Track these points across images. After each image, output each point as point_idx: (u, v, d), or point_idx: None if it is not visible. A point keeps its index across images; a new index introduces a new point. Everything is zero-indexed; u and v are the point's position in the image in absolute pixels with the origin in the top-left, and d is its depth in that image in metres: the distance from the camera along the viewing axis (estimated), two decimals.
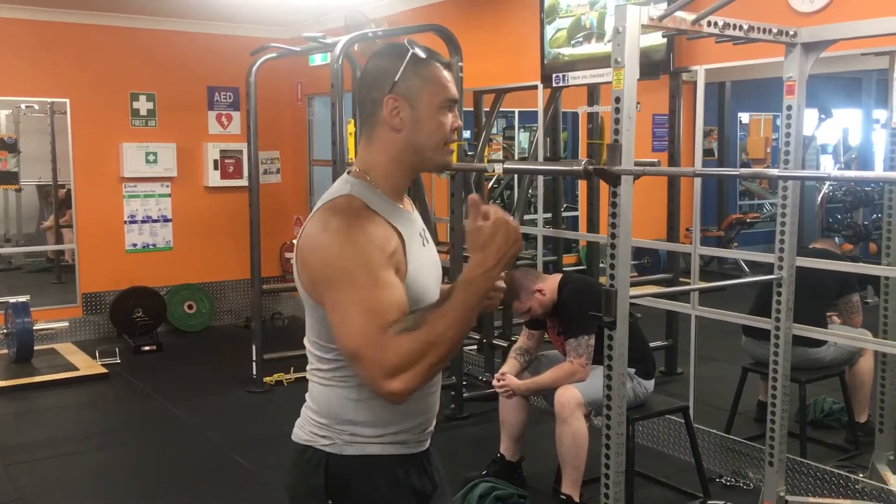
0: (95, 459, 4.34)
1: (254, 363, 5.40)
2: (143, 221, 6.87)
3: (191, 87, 6.94)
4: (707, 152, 9.31)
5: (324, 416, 1.62)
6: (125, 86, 6.71)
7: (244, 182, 6.29)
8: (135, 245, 6.87)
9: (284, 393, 5.37)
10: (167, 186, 6.94)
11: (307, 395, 1.69)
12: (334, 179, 4.40)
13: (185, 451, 4.40)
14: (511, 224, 1.48)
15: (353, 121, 5.26)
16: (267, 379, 5.43)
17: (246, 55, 5.64)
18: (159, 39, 6.79)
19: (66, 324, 6.50)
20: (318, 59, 6.14)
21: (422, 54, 1.60)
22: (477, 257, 1.47)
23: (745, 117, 10.11)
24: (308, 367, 1.68)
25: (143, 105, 6.78)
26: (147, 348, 6.29)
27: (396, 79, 1.57)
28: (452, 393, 4.75)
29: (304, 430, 1.66)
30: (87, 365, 5.81)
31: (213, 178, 7.03)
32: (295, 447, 1.67)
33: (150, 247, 6.93)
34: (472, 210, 1.49)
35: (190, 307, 7.00)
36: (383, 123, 1.60)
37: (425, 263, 1.64)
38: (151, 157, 6.79)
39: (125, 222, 6.81)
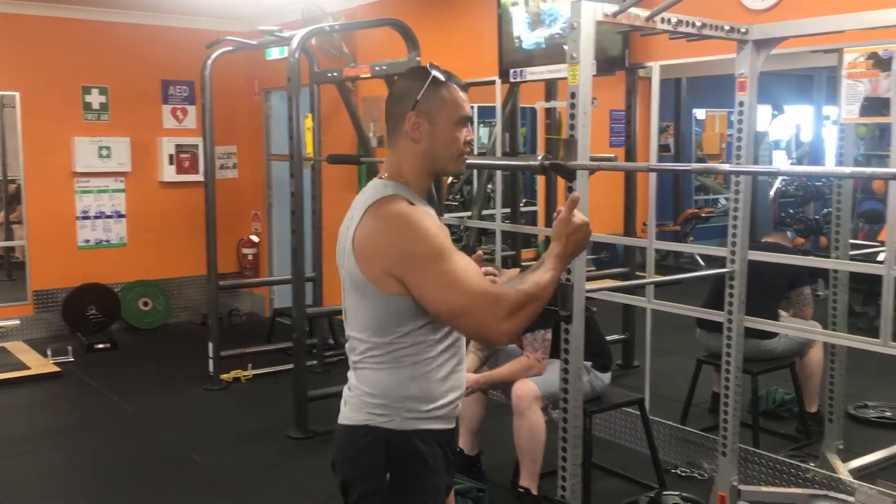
0: (47, 459, 4.25)
1: (210, 360, 5.33)
2: (96, 217, 6.75)
3: (145, 80, 6.83)
4: (663, 148, 9.41)
5: (381, 397, 1.83)
6: (77, 79, 6.58)
7: (200, 177, 6.21)
8: (87, 241, 6.74)
9: (242, 390, 5.32)
10: (121, 181, 6.82)
11: (356, 382, 1.88)
12: (292, 174, 4.42)
13: (140, 450, 4.34)
14: (589, 229, 1.85)
15: (310, 115, 5.24)
16: (224, 376, 5.37)
17: (201, 48, 5.58)
18: (112, 31, 6.66)
19: (17, 322, 6.38)
20: (275, 53, 6.08)
21: (441, 77, 1.87)
22: (563, 241, 1.83)
23: (700, 113, 10.25)
24: (356, 358, 1.88)
25: (95, 98, 6.65)
26: (101, 346, 6.19)
27: (418, 98, 1.83)
28: None
29: (360, 411, 1.85)
30: (39, 364, 5.69)
31: (169, 173, 6.93)
32: (347, 429, 1.88)
33: (104, 243, 6.81)
34: (570, 206, 1.84)
35: (145, 304, 6.89)
36: (406, 136, 1.86)
37: None
38: (104, 152, 6.67)
39: (77, 218, 6.68)
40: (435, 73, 1.86)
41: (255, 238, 7.34)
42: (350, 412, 1.89)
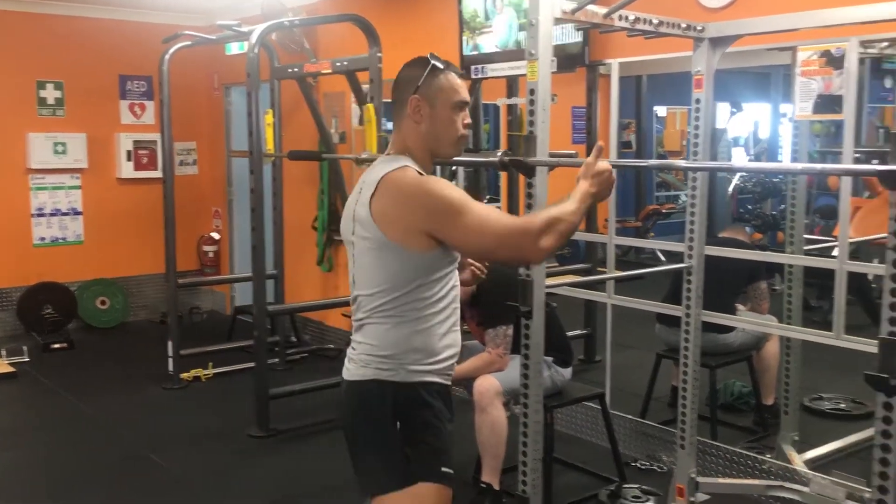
0: (2, 461, 4.17)
1: (170, 359, 5.27)
2: (51, 214, 6.62)
3: (101, 75, 6.71)
4: (625, 144, 9.50)
5: (387, 349, 1.99)
6: (31, 73, 6.44)
7: (159, 173, 6.12)
8: (43, 239, 6.61)
9: (202, 389, 5.26)
10: (77, 178, 6.70)
11: (362, 339, 2.04)
12: (252, 171, 4.37)
13: (97, 451, 4.27)
14: (612, 175, 2.06)
15: (270, 111, 5.19)
16: (184, 375, 5.31)
17: (159, 43, 5.49)
18: (68, 26, 6.54)
19: None
20: (234, 48, 6.01)
21: (440, 65, 2.06)
22: (588, 180, 2.04)
23: (661, 111, 10.37)
24: (362, 315, 2.04)
25: (50, 94, 6.52)
26: (57, 346, 6.08)
27: (419, 83, 2.03)
28: None
29: (368, 367, 2.01)
30: None
31: (127, 170, 6.83)
32: (355, 385, 2.03)
33: (60, 241, 6.68)
34: (596, 153, 2.06)
35: (103, 303, 6.78)
36: (409, 118, 2.05)
37: None
38: (60, 148, 6.54)
39: (32, 215, 6.54)
40: (434, 61, 2.05)
41: (215, 235, 7.26)
42: (357, 368, 2.04)
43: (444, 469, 2.02)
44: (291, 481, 3.89)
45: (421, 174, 1.99)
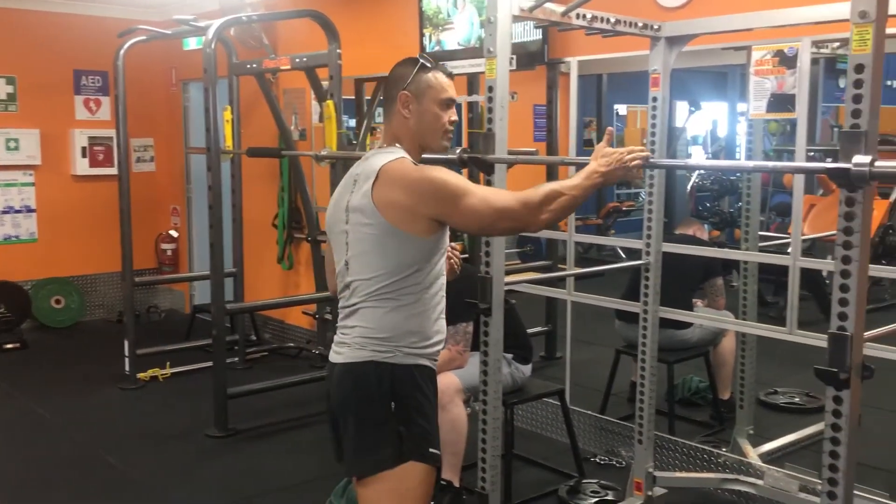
0: None
1: (126, 359, 5.19)
2: (3, 212, 6.46)
3: (56, 70, 6.57)
4: (587, 142, 9.57)
5: (386, 333, 2.07)
6: None
7: (115, 170, 6.01)
8: None
9: (160, 389, 5.19)
10: (30, 175, 6.55)
11: (357, 323, 2.11)
12: (209, 168, 4.32)
13: (50, 453, 4.18)
14: (627, 157, 2.08)
15: (229, 107, 5.13)
16: (141, 375, 5.23)
17: (114, 37, 5.40)
18: (20, 19, 6.39)
19: None
20: (192, 43, 5.94)
21: (429, 64, 2.16)
22: (596, 160, 2.10)
23: (622, 109, 10.46)
24: (358, 300, 2.10)
25: (2, 89, 6.37)
26: (10, 346, 5.97)
27: (409, 80, 2.14)
28: None
29: (365, 349, 2.08)
30: None
31: (82, 166, 6.70)
32: (352, 367, 2.09)
33: (13, 239, 6.53)
34: (608, 137, 2.20)
35: (57, 302, 6.65)
36: (398, 112, 2.16)
37: None
38: (12, 144, 6.40)
39: None
40: (424, 61, 2.16)
41: (174, 233, 7.16)
42: (352, 351, 2.10)
43: (431, 450, 2.10)
44: (250, 481, 3.85)
45: (416, 164, 2.10)
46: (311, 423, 4.54)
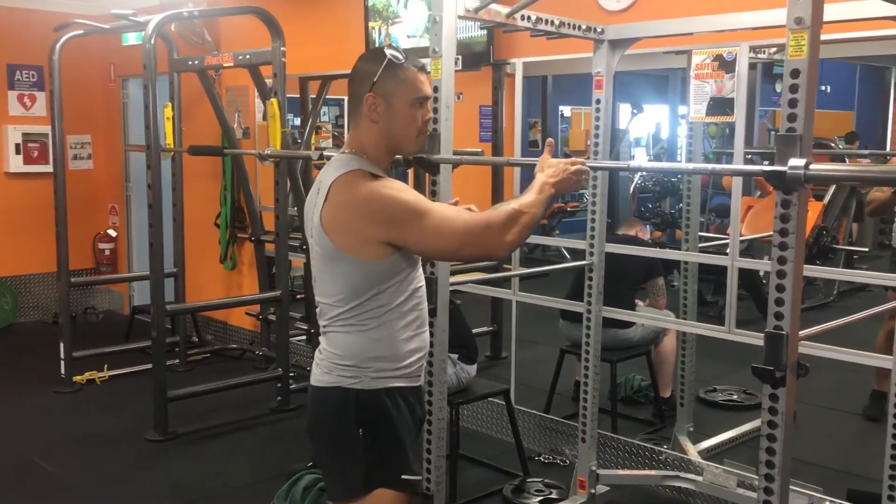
0: None
1: (62, 361, 5.04)
2: None
3: None
4: (532, 143, 9.64)
5: (349, 359, 1.95)
6: None
7: (50, 168, 5.84)
8: None
9: (97, 392, 5.06)
10: None
11: (326, 346, 2.00)
12: (149, 166, 4.23)
13: None
14: (572, 168, 2.02)
15: (169, 104, 5.03)
16: (77, 378, 5.09)
17: (50, 31, 5.25)
18: None
19: None
20: (132, 39, 5.81)
21: (398, 59, 1.93)
22: (542, 171, 2.02)
23: (567, 110, 10.56)
24: (324, 322, 2.00)
25: None
26: None
27: (375, 80, 1.92)
28: (279, 385, 4.66)
29: (331, 374, 1.97)
30: None
31: (15, 164, 6.49)
32: (320, 391, 2.00)
33: None
34: (548, 149, 2.10)
35: None
36: (365, 116, 1.96)
37: None
38: None
39: None
40: (392, 54, 1.93)
41: (112, 232, 6.98)
42: (321, 374, 2.00)
43: (404, 476, 2.00)
44: (191, 485, 3.78)
45: (377, 176, 1.91)
46: (254, 426, 4.48)
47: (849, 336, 2.84)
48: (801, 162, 1.64)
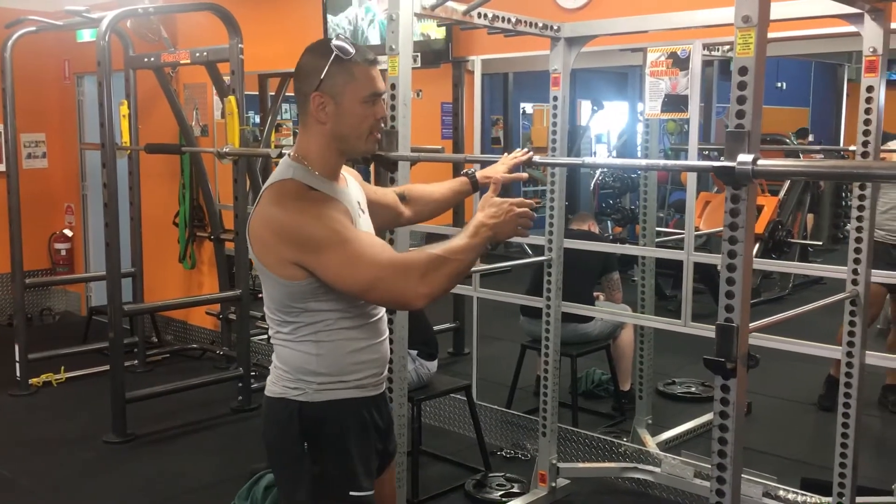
0: None
1: (17, 364, 4.95)
2: None
3: None
4: (494, 140, 9.68)
5: (290, 372, 1.86)
6: None
7: (2, 167, 5.73)
8: None
9: (54, 394, 4.97)
10: None
11: (274, 357, 1.92)
12: (104, 164, 4.17)
13: None
14: (511, 209, 1.80)
15: (125, 102, 4.96)
16: (33, 380, 5.00)
17: (2, 28, 5.15)
18: None
19: None
20: (86, 35, 5.71)
21: (346, 54, 1.78)
22: (483, 211, 1.82)
23: (528, 107, 10.62)
24: (270, 333, 1.91)
25: None
26: None
27: (322, 77, 1.78)
28: (240, 384, 4.62)
29: (277, 384, 1.89)
30: None
31: None
32: (268, 401, 1.92)
33: None
34: (494, 187, 1.96)
35: None
36: (311, 116, 1.82)
37: (365, 229, 1.90)
38: None
39: None
40: (339, 49, 1.78)
41: (68, 232, 6.87)
42: (270, 385, 1.93)
43: (352, 493, 1.86)
44: (150, 487, 3.74)
45: (311, 189, 1.78)
46: (215, 426, 4.45)
47: (807, 328, 2.91)
48: (749, 157, 1.67)
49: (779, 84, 11.25)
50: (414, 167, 2.71)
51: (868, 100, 2.50)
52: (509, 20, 2.93)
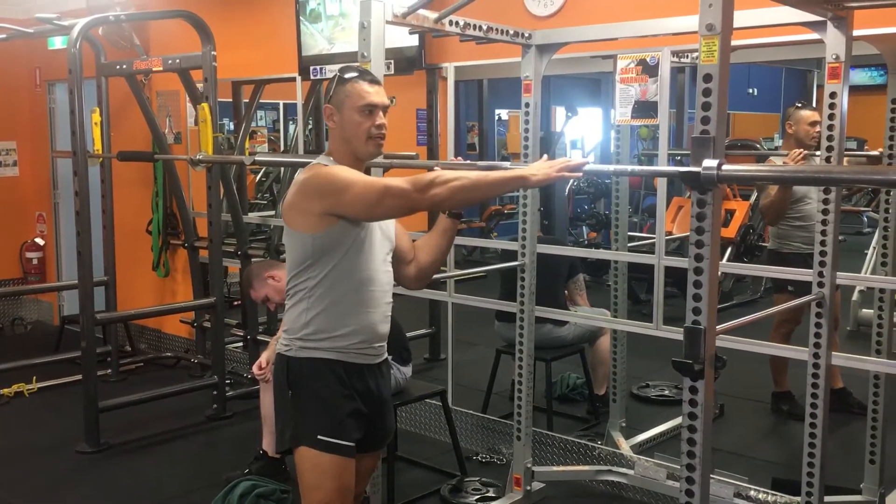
0: None
1: None
2: None
3: None
4: (470, 147, 9.71)
5: (287, 331, 2.30)
6: None
7: None
8: None
9: (25, 404, 4.91)
10: None
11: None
12: (75, 172, 4.14)
13: None
14: (554, 164, 2.13)
15: (97, 109, 4.94)
16: (5, 391, 4.94)
17: None
18: None
19: None
20: (58, 43, 5.66)
21: (348, 76, 2.27)
22: (534, 164, 2.18)
23: (504, 114, 10.68)
24: (287, 305, 2.34)
25: None
26: None
27: (330, 93, 2.29)
28: (215, 392, 4.60)
29: (280, 343, 2.33)
30: None
31: None
32: (276, 356, 2.36)
33: None
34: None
35: None
36: (327, 123, 2.32)
37: (377, 246, 2.31)
38: None
39: None
40: (342, 72, 2.29)
41: (40, 241, 6.80)
42: (278, 344, 2.36)
43: (320, 437, 2.21)
44: (124, 497, 3.71)
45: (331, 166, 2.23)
46: (190, 434, 4.42)
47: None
48: (714, 163, 1.70)
49: (750, 90, 11.40)
50: (386, 174, 2.73)
51: (831, 105, 2.55)
52: (481, 28, 2.96)
